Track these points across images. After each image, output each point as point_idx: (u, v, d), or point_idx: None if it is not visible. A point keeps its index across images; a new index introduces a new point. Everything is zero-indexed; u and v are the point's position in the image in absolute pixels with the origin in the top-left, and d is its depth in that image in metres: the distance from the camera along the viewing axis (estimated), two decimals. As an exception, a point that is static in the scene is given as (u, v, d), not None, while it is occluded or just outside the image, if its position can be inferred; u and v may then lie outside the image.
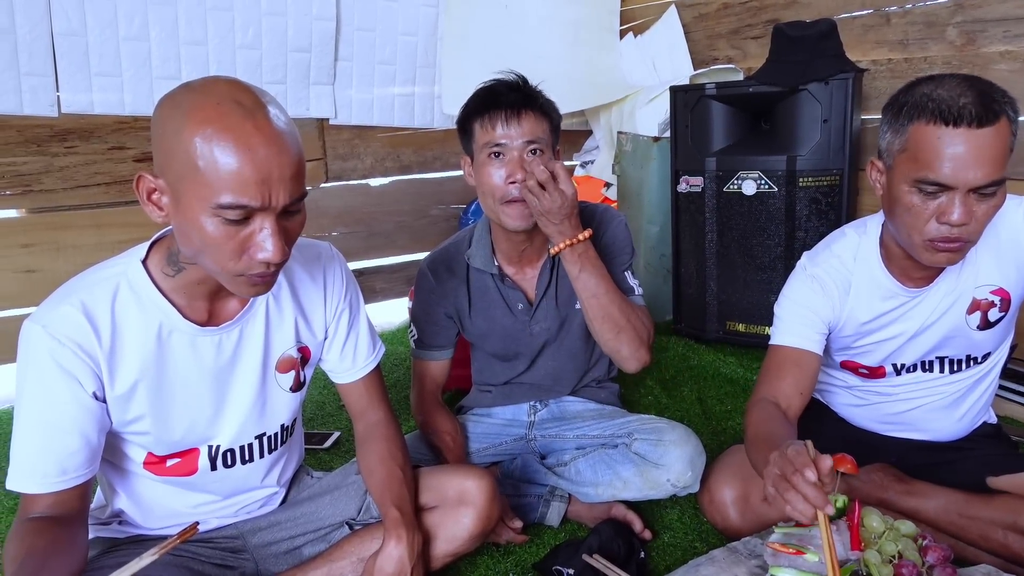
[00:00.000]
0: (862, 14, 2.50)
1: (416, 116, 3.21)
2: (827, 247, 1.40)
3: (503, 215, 1.48)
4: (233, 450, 1.18)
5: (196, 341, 1.09)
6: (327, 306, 1.24)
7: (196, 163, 0.89)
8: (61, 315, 1.00)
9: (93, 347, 1.01)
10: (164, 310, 1.05)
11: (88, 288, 1.03)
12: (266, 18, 2.71)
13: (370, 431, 1.32)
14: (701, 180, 2.48)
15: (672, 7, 3.18)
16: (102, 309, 1.02)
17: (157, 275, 1.06)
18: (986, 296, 1.31)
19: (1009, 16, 2.12)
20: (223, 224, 0.92)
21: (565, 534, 1.58)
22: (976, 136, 1.09)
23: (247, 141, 0.89)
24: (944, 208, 1.14)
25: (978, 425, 1.49)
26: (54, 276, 2.58)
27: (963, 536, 1.35)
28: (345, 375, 1.31)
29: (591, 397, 1.75)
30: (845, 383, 1.52)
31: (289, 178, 0.93)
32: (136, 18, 2.49)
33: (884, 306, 1.34)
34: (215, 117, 0.89)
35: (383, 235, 3.29)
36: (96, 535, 1.19)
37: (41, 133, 2.50)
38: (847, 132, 2.22)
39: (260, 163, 0.89)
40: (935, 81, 1.14)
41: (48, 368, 0.99)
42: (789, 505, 0.98)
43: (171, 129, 0.91)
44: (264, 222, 0.93)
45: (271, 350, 1.18)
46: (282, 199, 0.93)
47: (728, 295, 2.50)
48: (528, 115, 1.45)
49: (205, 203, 0.90)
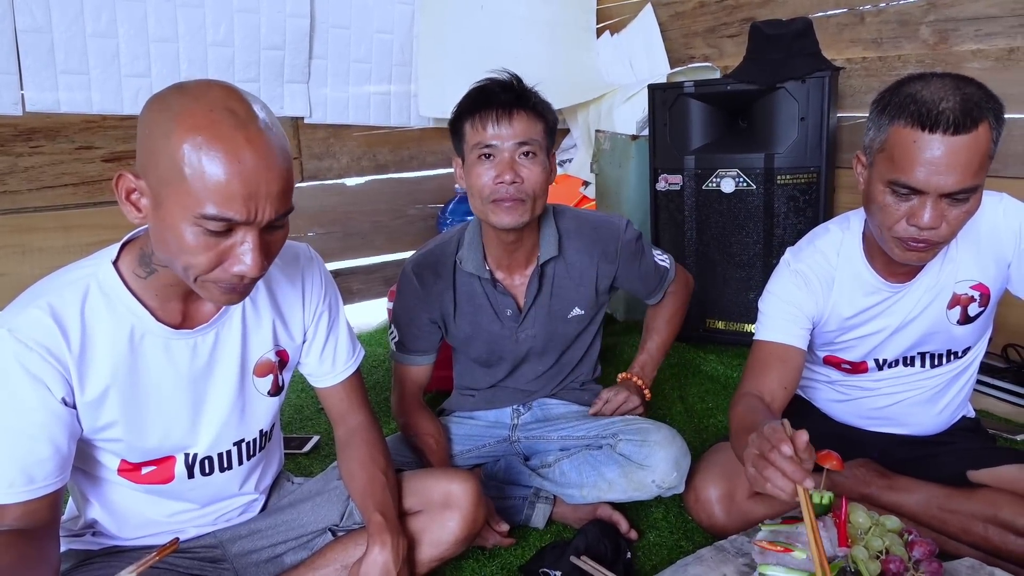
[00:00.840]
0: (836, 13, 2.52)
1: (392, 115, 3.18)
2: (811, 242, 1.40)
3: (491, 214, 1.45)
4: (211, 457, 1.15)
5: (170, 345, 1.05)
6: (305, 309, 1.22)
7: (182, 170, 0.86)
8: (28, 318, 0.96)
9: (62, 351, 0.97)
10: (136, 312, 1.02)
11: (57, 290, 0.99)
12: (238, 15, 2.66)
13: (351, 435, 1.30)
14: (680, 178, 2.49)
15: (648, 6, 3.19)
16: (71, 312, 0.98)
17: (129, 277, 1.02)
18: (966, 291, 1.32)
19: (981, 15, 2.16)
20: (203, 234, 0.89)
21: (551, 536, 1.57)
22: (951, 143, 1.09)
23: (237, 153, 0.86)
24: (915, 211, 1.15)
25: (957, 419, 1.51)
26: (20, 280, 2.47)
27: (944, 529, 1.36)
28: (325, 379, 1.28)
29: (574, 400, 1.73)
30: (828, 378, 1.53)
31: (277, 193, 0.90)
32: (103, 14, 2.43)
33: (867, 301, 1.35)
34: (206, 125, 0.86)
35: (360, 235, 3.25)
36: (68, 547, 1.15)
37: (4, 132, 2.42)
38: (824, 130, 2.24)
39: (248, 177, 0.87)
40: (923, 81, 1.14)
41: (14, 373, 0.94)
42: (769, 483, 0.99)
43: (159, 132, 0.88)
44: (246, 236, 0.91)
45: (248, 353, 1.15)
46: (268, 214, 0.90)
47: (708, 293, 2.51)
48: (520, 115, 1.42)
49: (187, 211, 0.88)
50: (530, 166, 1.44)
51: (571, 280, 1.60)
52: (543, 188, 1.47)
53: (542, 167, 1.46)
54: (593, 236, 1.60)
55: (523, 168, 1.43)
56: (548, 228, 1.57)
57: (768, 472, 0.99)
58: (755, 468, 1.02)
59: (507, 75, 1.47)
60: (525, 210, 1.45)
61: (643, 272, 1.67)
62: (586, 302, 1.63)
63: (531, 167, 1.44)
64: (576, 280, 1.60)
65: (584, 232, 1.60)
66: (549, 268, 1.59)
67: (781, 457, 0.98)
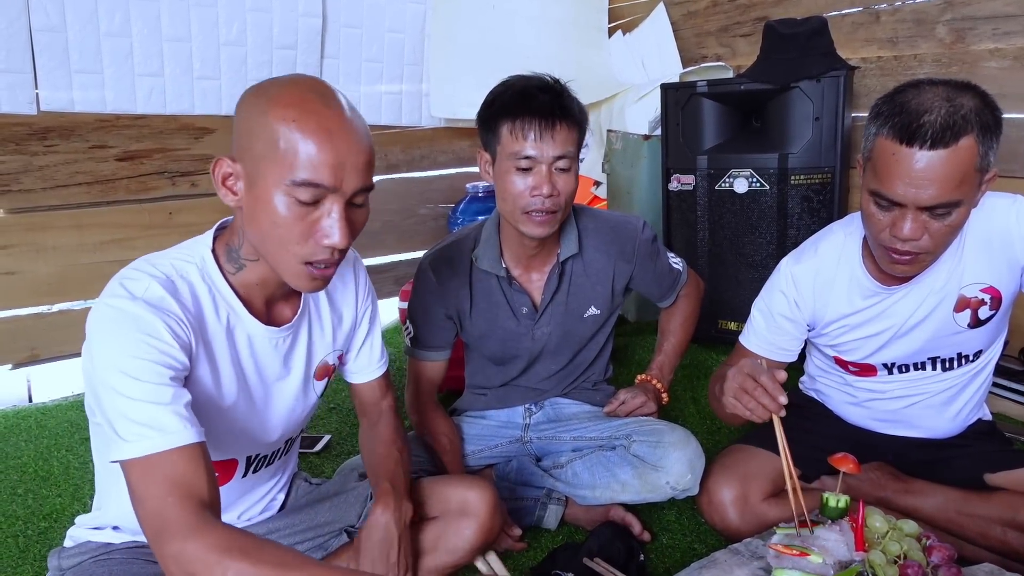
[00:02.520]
0: (851, 12, 2.50)
1: (404, 114, 3.18)
2: (814, 245, 1.41)
3: (522, 223, 1.45)
4: (267, 456, 1.20)
5: (256, 341, 1.08)
6: (358, 307, 1.26)
7: (277, 143, 0.93)
8: (152, 290, 0.95)
9: (182, 320, 0.97)
10: (233, 307, 1.05)
11: (169, 266, 1.01)
12: (251, 14, 2.66)
13: (379, 417, 1.34)
14: (692, 178, 2.47)
15: (660, 5, 3.17)
16: (184, 294, 0.99)
17: (225, 270, 1.05)
18: (976, 294, 1.30)
19: (998, 14, 2.13)
20: (295, 204, 0.94)
21: (563, 537, 1.56)
22: (929, 157, 1.08)
23: (327, 125, 0.93)
24: (896, 221, 1.15)
25: (973, 422, 1.50)
26: (34, 278, 2.52)
27: (961, 534, 1.35)
28: (364, 374, 1.32)
29: (586, 400, 1.73)
30: (840, 380, 1.52)
31: (361, 165, 0.97)
32: (117, 14, 2.44)
33: (862, 303, 1.35)
34: (299, 103, 0.94)
35: (370, 235, 3.25)
36: (88, 539, 1.14)
37: (19, 132, 2.43)
38: (839, 130, 2.22)
39: (337, 147, 0.94)
40: (917, 89, 1.13)
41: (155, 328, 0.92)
42: (748, 411, 1.13)
43: (255, 113, 0.95)
44: (333, 206, 0.96)
45: (313, 357, 1.19)
46: (353, 184, 0.96)
47: (720, 294, 2.50)
48: (562, 127, 1.40)
49: (280, 181, 0.93)
50: (565, 178, 1.43)
51: (588, 279, 1.60)
52: (573, 195, 1.48)
53: (574, 175, 1.46)
54: (611, 235, 1.59)
55: (559, 180, 1.42)
56: (569, 226, 1.57)
57: (746, 400, 1.13)
58: (735, 398, 1.14)
59: (547, 79, 1.45)
60: (556, 220, 1.45)
61: (658, 273, 1.66)
62: (602, 302, 1.62)
63: (566, 178, 1.43)
64: (593, 279, 1.60)
65: (602, 231, 1.59)
66: (568, 266, 1.59)
67: (760, 389, 1.11)
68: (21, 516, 1.75)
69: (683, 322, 1.75)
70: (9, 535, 1.67)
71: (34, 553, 1.60)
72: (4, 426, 2.25)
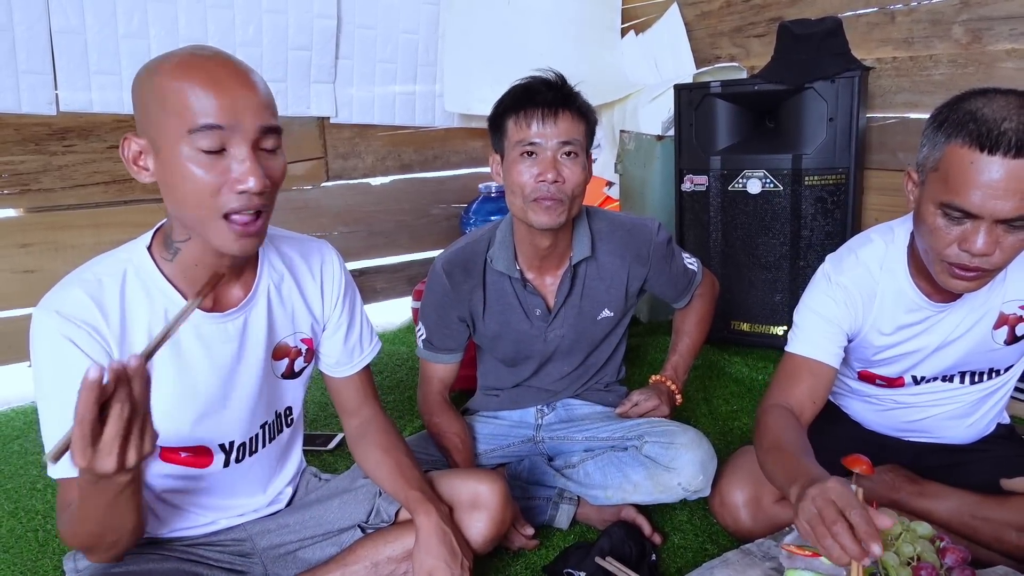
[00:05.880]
0: (866, 12, 2.49)
1: (417, 115, 3.20)
2: (852, 253, 1.34)
3: (531, 212, 1.44)
4: (244, 443, 1.19)
5: (202, 330, 1.08)
6: (325, 297, 1.25)
7: (167, 99, 0.93)
8: (72, 299, 1.00)
9: (104, 330, 1.00)
10: (169, 296, 1.05)
11: (95, 275, 1.03)
12: (266, 15, 2.69)
13: (366, 425, 1.33)
14: (706, 179, 2.47)
15: (674, 5, 3.16)
16: (111, 295, 1.02)
17: (160, 261, 1.06)
18: (1015, 311, 1.28)
19: (1015, 14, 2.12)
20: (200, 156, 0.94)
21: (574, 536, 1.56)
22: (1011, 166, 1.02)
23: (211, 72, 0.94)
24: (967, 235, 1.09)
25: (992, 428, 1.48)
26: (53, 276, 2.50)
27: (976, 537, 1.34)
28: (340, 369, 1.31)
29: (598, 400, 1.73)
30: (863, 392, 1.49)
31: (256, 105, 0.95)
32: (135, 15, 2.47)
33: (908, 319, 1.31)
34: (181, 60, 0.95)
35: (384, 235, 3.27)
36: None
37: (39, 132, 2.47)
38: (853, 131, 2.21)
39: (226, 85, 0.94)
40: (985, 97, 1.07)
41: (65, 349, 0.98)
42: (823, 550, 0.94)
43: (145, 83, 0.96)
44: (238, 150, 0.95)
45: (274, 337, 1.18)
46: (252, 121, 0.95)
47: (733, 295, 2.49)
48: (565, 115, 1.41)
49: (180, 135, 0.93)
50: (571, 166, 1.43)
51: (602, 281, 1.60)
52: (582, 189, 1.47)
53: (582, 167, 1.46)
54: (626, 238, 1.59)
55: (564, 168, 1.42)
56: (581, 229, 1.57)
57: (827, 542, 0.93)
58: (811, 526, 0.96)
59: (552, 74, 1.47)
60: (564, 210, 1.44)
61: (673, 275, 1.66)
62: (616, 304, 1.62)
63: (572, 167, 1.43)
64: (607, 282, 1.60)
65: (617, 234, 1.59)
66: (581, 268, 1.59)
67: (845, 533, 0.92)
68: (40, 511, 1.77)
69: (698, 322, 1.75)
70: (29, 529, 1.70)
71: (53, 547, 1.62)
72: (23, 421, 2.28)
